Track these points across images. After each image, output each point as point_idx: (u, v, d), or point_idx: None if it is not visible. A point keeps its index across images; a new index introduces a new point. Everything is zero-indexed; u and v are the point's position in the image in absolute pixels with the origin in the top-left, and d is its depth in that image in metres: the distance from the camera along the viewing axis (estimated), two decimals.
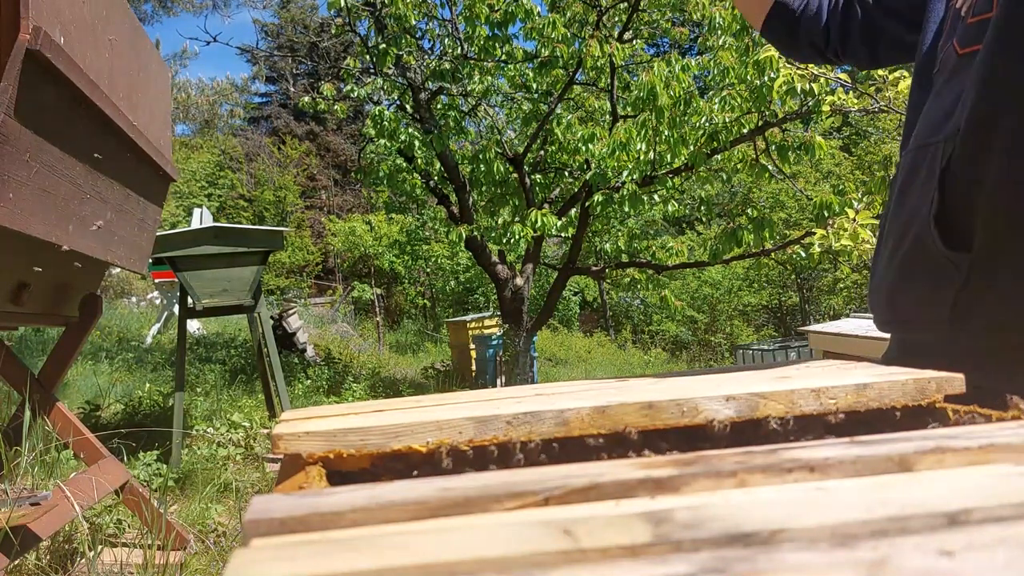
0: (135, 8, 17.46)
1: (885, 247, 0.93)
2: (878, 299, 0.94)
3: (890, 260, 0.90)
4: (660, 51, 11.64)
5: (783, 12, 1.11)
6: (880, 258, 0.94)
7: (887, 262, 0.91)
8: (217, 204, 22.85)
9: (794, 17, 1.10)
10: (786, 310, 19.83)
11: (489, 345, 9.56)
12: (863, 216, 4.64)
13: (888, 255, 0.91)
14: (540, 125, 6.97)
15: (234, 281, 4.85)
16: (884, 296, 0.91)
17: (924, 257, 0.83)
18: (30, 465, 2.61)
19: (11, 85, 1.66)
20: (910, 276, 0.86)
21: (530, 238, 6.26)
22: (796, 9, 1.10)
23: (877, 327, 0.98)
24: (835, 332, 5.37)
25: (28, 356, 7.46)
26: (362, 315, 18.41)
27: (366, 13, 7.18)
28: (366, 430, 0.48)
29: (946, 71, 0.89)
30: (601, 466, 0.36)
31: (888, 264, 0.90)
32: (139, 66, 2.66)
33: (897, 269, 0.88)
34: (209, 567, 2.75)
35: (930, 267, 0.82)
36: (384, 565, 0.26)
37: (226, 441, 4.76)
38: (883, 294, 0.91)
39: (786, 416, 0.52)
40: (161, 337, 10.57)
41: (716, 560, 0.26)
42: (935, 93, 0.91)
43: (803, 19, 1.10)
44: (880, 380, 0.54)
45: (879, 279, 0.93)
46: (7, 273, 2.20)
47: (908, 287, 0.86)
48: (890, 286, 0.89)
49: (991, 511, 0.29)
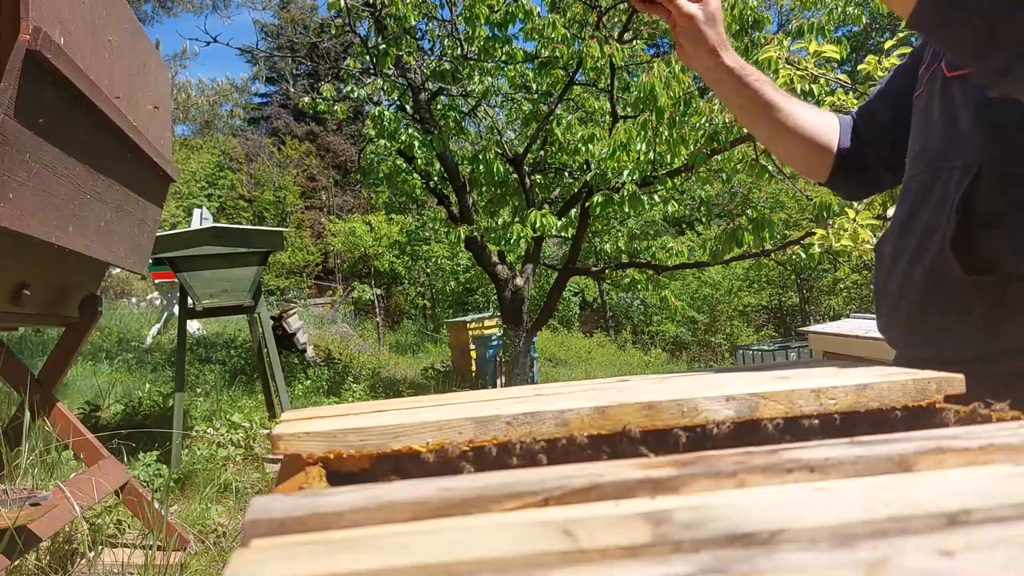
0: (135, 8, 17.48)
1: (894, 271, 0.92)
2: (896, 326, 0.93)
3: (904, 283, 0.89)
4: (660, 51, 11.64)
5: (844, 166, 1.08)
6: (890, 279, 0.93)
7: (899, 288, 0.90)
8: (217, 205, 22.85)
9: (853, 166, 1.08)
10: (786, 310, 19.83)
11: (489, 346, 9.56)
12: (863, 216, 4.64)
13: (900, 281, 0.90)
14: (540, 126, 6.97)
15: (234, 282, 4.84)
16: (903, 320, 0.91)
17: (944, 282, 0.83)
18: (30, 465, 2.61)
19: (11, 85, 1.66)
20: (931, 301, 0.85)
21: (530, 238, 6.26)
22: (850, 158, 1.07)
23: (896, 349, 0.97)
24: (835, 332, 5.37)
25: (28, 356, 7.46)
26: (362, 315, 18.41)
27: (366, 13, 7.18)
28: (366, 430, 0.48)
29: (932, 91, 0.89)
30: (601, 466, 0.36)
31: (902, 288, 0.89)
32: (139, 66, 2.66)
33: (915, 294, 0.87)
34: (209, 568, 2.75)
35: (951, 292, 0.82)
36: (384, 565, 0.26)
37: (226, 442, 4.76)
38: (902, 318, 0.91)
39: (786, 416, 0.52)
40: (161, 338, 10.57)
41: (716, 560, 0.26)
42: (922, 112, 0.92)
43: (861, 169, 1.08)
44: (880, 380, 0.54)
45: (893, 303, 0.92)
46: (7, 273, 2.20)
47: (930, 311, 0.86)
48: (909, 311, 0.89)
49: (991, 511, 0.29)
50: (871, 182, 1.10)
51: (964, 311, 0.81)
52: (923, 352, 0.90)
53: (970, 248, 0.80)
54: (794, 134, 1.05)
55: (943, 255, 0.82)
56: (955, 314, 0.82)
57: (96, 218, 2.27)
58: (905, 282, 0.89)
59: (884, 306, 0.95)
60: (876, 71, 4.17)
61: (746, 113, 1.06)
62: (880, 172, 1.07)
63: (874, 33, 18.40)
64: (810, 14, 6.11)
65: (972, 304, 0.80)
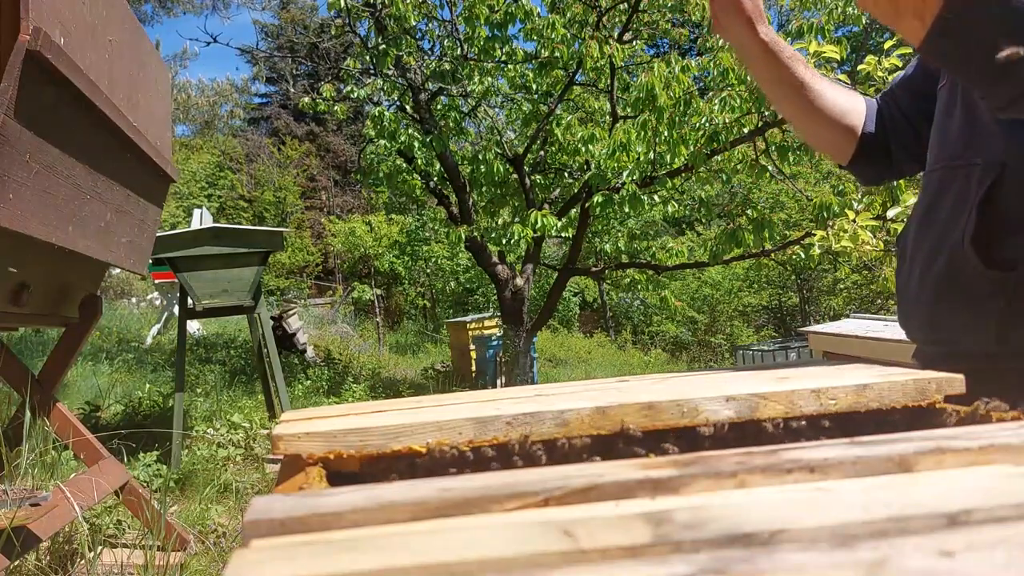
0: (135, 8, 17.46)
1: (913, 266, 0.92)
2: (916, 321, 0.93)
3: (922, 281, 0.89)
4: (660, 52, 11.64)
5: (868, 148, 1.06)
6: (909, 278, 0.93)
7: (919, 283, 0.90)
8: (217, 205, 22.84)
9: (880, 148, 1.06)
10: (786, 311, 19.82)
11: (489, 346, 9.56)
12: (863, 217, 4.64)
13: (919, 276, 0.90)
14: (540, 126, 6.97)
15: (234, 282, 4.84)
16: (924, 318, 0.91)
17: (961, 279, 0.83)
18: (30, 466, 2.60)
19: (11, 86, 1.66)
20: (948, 298, 0.85)
21: (530, 239, 6.26)
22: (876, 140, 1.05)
23: (915, 343, 0.97)
24: (835, 333, 5.37)
25: (28, 356, 7.45)
26: (362, 316, 18.40)
27: (366, 14, 7.18)
28: (366, 431, 0.48)
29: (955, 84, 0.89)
30: (601, 467, 0.36)
31: (921, 285, 0.90)
32: (139, 67, 2.66)
33: (933, 291, 0.87)
34: (209, 568, 2.74)
35: (969, 289, 0.82)
36: (384, 565, 0.26)
37: (226, 442, 4.76)
38: (922, 316, 0.91)
39: (786, 416, 0.52)
40: (161, 338, 10.57)
41: (716, 560, 0.26)
42: (944, 105, 0.91)
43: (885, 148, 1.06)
44: (880, 381, 0.54)
45: (912, 300, 0.92)
46: (7, 274, 2.20)
47: (948, 309, 0.86)
48: (928, 308, 0.89)
49: (991, 511, 0.29)
50: (892, 168, 1.08)
51: (979, 306, 0.81)
52: (940, 346, 0.91)
53: (990, 244, 0.80)
54: (820, 115, 1.03)
55: (962, 251, 0.82)
56: (970, 309, 0.83)
57: (96, 218, 2.27)
58: (923, 277, 0.89)
59: (903, 301, 0.96)
60: (876, 71, 4.17)
61: (775, 89, 1.04)
62: (902, 159, 1.06)
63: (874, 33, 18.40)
64: (810, 14, 6.11)
65: (988, 299, 0.80)
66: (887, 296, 14.18)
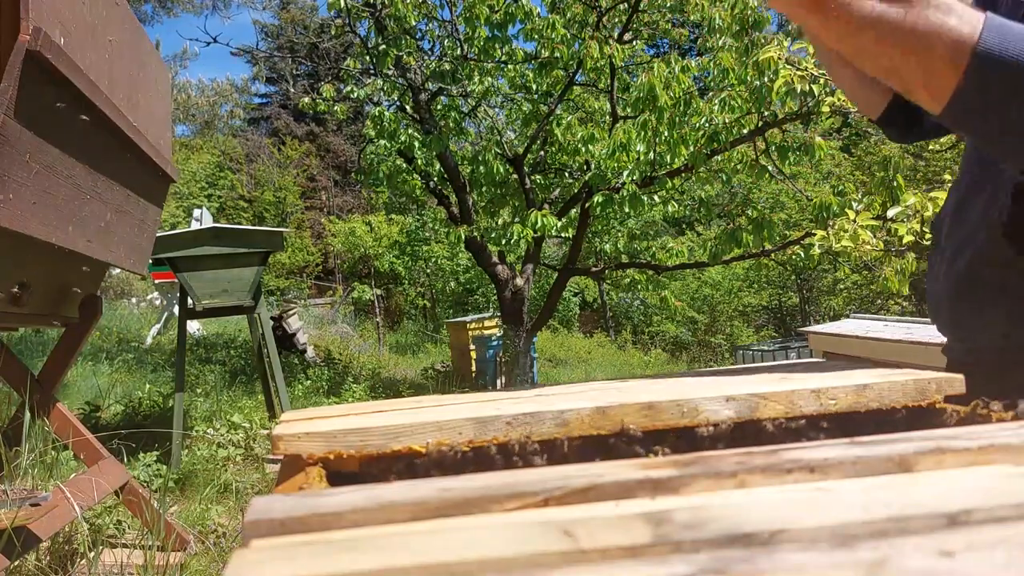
0: (135, 8, 17.45)
1: (942, 256, 0.93)
2: (938, 309, 0.95)
3: (948, 270, 0.90)
4: (660, 52, 11.65)
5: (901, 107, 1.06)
6: (938, 266, 0.94)
7: (946, 272, 0.91)
8: (217, 205, 22.85)
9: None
10: (786, 311, 19.83)
11: (489, 346, 9.56)
12: (863, 217, 4.64)
13: (946, 265, 0.91)
14: (540, 126, 6.97)
15: (234, 282, 4.85)
16: (945, 307, 0.92)
17: (984, 270, 0.83)
18: (30, 466, 2.61)
19: (11, 86, 1.66)
20: (969, 289, 0.86)
21: (530, 239, 6.26)
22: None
23: (945, 337, 0.98)
24: (835, 333, 5.37)
25: (28, 356, 7.45)
26: (362, 316, 18.40)
27: (366, 14, 7.18)
28: (366, 431, 0.48)
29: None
30: (601, 467, 0.36)
31: (947, 274, 0.91)
32: (139, 67, 2.66)
33: (955, 281, 0.88)
34: (209, 568, 2.74)
35: (988, 280, 0.83)
36: (384, 565, 0.26)
37: (226, 442, 4.76)
38: (944, 305, 0.93)
39: (786, 416, 0.52)
40: (161, 338, 10.57)
41: (716, 561, 0.26)
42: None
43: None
44: (880, 381, 0.54)
45: (939, 291, 0.93)
46: (7, 274, 2.20)
47: (967, 299, 0.87)
48: (950, 298, 0.90)
49: (991, 511, 0.29)
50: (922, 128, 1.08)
51: (994, 300, 0.82)
52: (964, 341, 0.91)
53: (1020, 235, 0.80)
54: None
55: (994, 243, 0.82)
56: (992, 303, 0.83)
57: (96, 218, 2.27)
58: (950, 271, 0.90)
59: (932, 294, 0.96)
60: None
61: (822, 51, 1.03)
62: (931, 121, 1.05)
63: None
64: None
65: (1004, 292, 0.81)
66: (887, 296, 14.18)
